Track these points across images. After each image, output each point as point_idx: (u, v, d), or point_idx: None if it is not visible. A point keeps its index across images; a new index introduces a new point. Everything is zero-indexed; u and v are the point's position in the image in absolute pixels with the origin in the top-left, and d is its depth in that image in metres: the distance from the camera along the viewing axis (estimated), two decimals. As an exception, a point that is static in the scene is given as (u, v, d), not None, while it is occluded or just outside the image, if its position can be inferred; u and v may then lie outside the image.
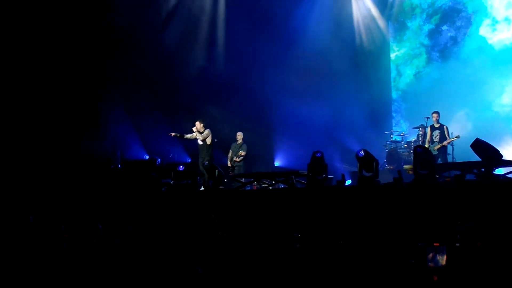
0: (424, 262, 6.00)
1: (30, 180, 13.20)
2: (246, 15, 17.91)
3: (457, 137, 14.18)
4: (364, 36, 19.23)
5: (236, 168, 15.12)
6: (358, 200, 9.64)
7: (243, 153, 15.14)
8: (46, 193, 11.98)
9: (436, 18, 18.72)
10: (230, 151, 15.46)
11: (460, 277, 5.83)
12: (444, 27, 18.47)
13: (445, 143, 14.07)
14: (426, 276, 5.92)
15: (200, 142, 14.07)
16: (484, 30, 17.63)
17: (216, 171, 13.03)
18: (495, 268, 5.79)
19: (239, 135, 15.46)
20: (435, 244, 6.07)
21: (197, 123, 14.05)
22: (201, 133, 13.96)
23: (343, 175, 11.19)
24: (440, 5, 18.60)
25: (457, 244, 6.47)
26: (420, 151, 10.67)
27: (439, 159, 13.79)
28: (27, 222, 6.86)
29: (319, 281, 5.82)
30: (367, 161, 11.16)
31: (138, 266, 4.69)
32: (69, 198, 11.73)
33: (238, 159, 15.16)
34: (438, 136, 14.20)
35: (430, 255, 6.01)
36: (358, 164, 11.24)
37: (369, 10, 19.38)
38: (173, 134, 14.42)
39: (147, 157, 16.82)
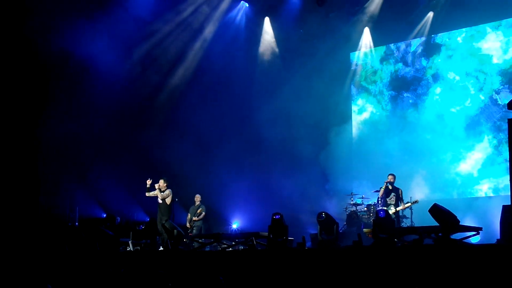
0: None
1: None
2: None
3: (415, 202, 14.35)
4: (326, 98, 19.67)
5: (195, 228, 15.07)
6: (318, 263, 9.61)
7: (203, 212, 15.15)
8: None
9: (397, 85, 19.30)
10: (189, 214, 15.46)
11: None
12: (407, 94, 18.99)
13: (400, 208, 14.22)
14: None
15: (159, 201, 13.94)
16: (444, 97, 18.18)
17: (175, 231, 12.88)
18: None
19: (197, 197, 15.60)
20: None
21: (161, 181, 13.95)
22: (162, 191, 13.84)
23: (303, 237, 11.18)
24: (402, 73, 19.19)
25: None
26: (383, 216, 10.76)
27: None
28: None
29: None
30: (328, 224, 11.20)
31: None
32: (24, 257, 11.40)
33: (197, 218, 15.13)
34: (393, 199, 14.35)
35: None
36: (318, 227, 11.27)
37: (332, 73, 19.93)
38: (149, 182, 14.12)
39: (105, 215, 16.54)
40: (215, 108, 18.30)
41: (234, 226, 16.96)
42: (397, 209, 14.14)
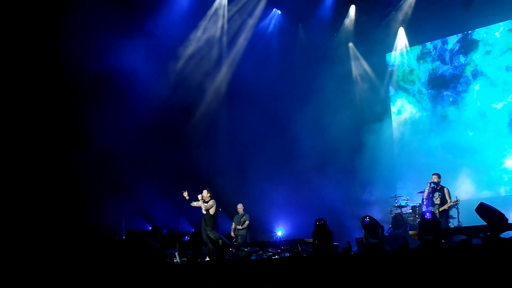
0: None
1: (35, 254, 13.14)
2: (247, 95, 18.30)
3: (456, 201, 14.14)
4: (364, 100, 19.60)
5: (239, 237, 15.12)
6: (364, 268, 9.56)
7: (247, 221, 15.23)
8: (51, 269, 11.91)
9: (436, 83, 19.09)
10: (233, 223, 15.56)
11: None
12: (446, 92, 18.77)
13: (445, 207, 14.00)
14: None
15: (203, 212, 14.03)
16: (484, 94, 17.90)
17: (220, 240, 12.98)
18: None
19: (240, 207, 15.66)
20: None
21: (205, 191, 14.02)
22: (205, 202, 13.93)
23: (349, 243, 11.12)
24: (440, 72, 18.99)
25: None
26: (429, 217, 10.66)
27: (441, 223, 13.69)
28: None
29: None
30: (373, 228, 11.15)
31: None
32: (74, 273, 11.66)
33: (241, 227, 15.20)
34: (438, 199, 14.14)
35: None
36: (364, 231, 11.21)
37: (368, 75, 19.89)
38: (186, 194, 14.26)
39: (150, 227, 16.76)
40: (251, 119, 18.27)
41: (279, 233, 16.96)
42: (440, 209, 13.95)
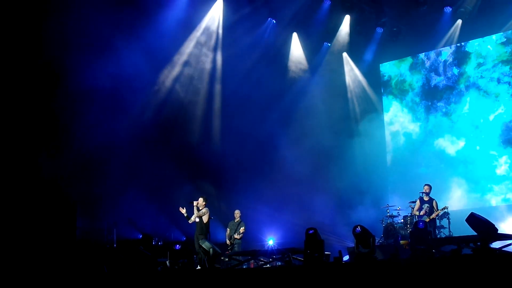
0: None
1: (25, 262, 13.07)
2: (241, 93, 18.20)
3: (444, 208, 14.24)
4: (357, 109, 19.68)
5: (236, 245, 15.05)
6: (355, 277, 9.55)
7: (243, 230, 15.14)
8: (41, 277, 11.84)
9: (429, 94, 19.20)
10: (228, 229, 15.42)
11: None
12: (439, 103, 18.88)
13: (433, 215, 14.09)
14: None
15: (196, 219, 13.98)
16: (477, 105, 17.99)
17: (211, 249, 12.94)
18: None
19: (237, 213, 15.51)
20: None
21: (200, 199, 13.96)
22: (198, 210, 13.90)
23: (340, 252, 11.11)
24: (434, 83, 19.10)
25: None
26: (421, 227, 10.68)
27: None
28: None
29: None
30: (364, 237, 11.14)
31: None
32: (64, 281, 11.59)
33: (238, 236, 15.10)
34: (427, 210, 14.24)
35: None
36: (355, 240, 11.20)
37: (361, 84, 19.99)
38: (184, 211, 14.18)
39: (141, 236, 16.71)
40: (241, 128, 18.10)
41: (270, 242, 16.94)
42: (431, 217, 14.04)
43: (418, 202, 14.52)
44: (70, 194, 15.43)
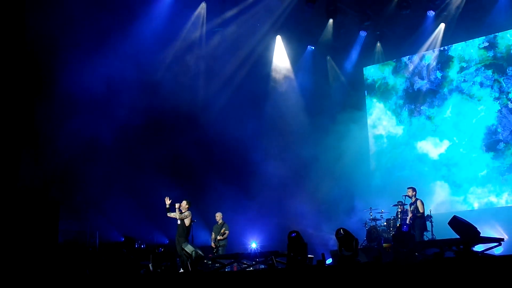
0: None
1: (6, 264, 12.91)
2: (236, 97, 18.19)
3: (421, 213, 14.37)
4: (340, 112, 19.68)
5: (220, 248, 15.00)
6: (338, 280, 9.54)
7: (226, 231, 15.10)
8: (22, 279, 11.71)
9: (412, 98, 19.28)
10: (213, 233, 15.38)
11: None
12: (423, 107, 18.96)
13: (409, 217, 14.26)
14: None
15: (178, 222, 13.90)
16: (460, 108, 18.10)
17: (193, 252, 12.88)
18: None
19: (218, 216, 15.46)
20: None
21: (184, 202, 13.85)
22: (181, 212, 13.81)
23: (323, 255, 11.11)
24: (417, 86, 19.18)
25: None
26: (405, 230, 10.71)
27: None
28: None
29: None
30: (347, 240, 11.14)
31: None
32: (46, 284, 11.47)
33: (222, 237, 15.06)
34: (411, 210, 14.34)
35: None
36: (338, 243, 11.21)
37: (344, 87, 20.04)
38: (168, 201, 14.03)
39: (123, 239, 16.58)
40: (227, 132, 17.99)
41: (253, 245, 16.89)
42: (407, 219, 14.18)
43: (409, 208, 14.56)
44: (52, 196, 15.30)
